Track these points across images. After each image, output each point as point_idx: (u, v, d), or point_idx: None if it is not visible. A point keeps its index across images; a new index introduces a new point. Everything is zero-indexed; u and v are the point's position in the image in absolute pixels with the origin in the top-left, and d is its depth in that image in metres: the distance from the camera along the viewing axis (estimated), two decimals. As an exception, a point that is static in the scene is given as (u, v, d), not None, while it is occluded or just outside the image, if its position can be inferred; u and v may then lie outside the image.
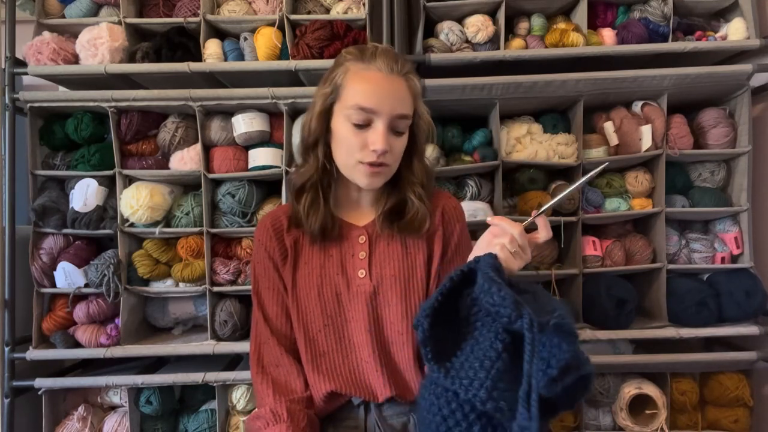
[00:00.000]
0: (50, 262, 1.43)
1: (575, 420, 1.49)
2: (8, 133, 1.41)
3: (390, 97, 0.88)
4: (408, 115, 0.91)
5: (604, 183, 1.52)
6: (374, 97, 0.87)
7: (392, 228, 0.95)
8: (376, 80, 0.88)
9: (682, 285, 1.46)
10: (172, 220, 1.46)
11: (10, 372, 1.40)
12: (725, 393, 1.45)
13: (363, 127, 0.88)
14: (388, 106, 0.87)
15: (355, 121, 0.88)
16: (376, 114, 0.87)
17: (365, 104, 0.87)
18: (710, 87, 1.45)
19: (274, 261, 0.98)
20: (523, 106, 1.53)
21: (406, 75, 0.91)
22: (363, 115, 0.87)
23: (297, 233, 0.98)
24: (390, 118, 0.88)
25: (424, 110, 0.96)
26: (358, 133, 0.88)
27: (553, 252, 1.52)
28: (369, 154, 0.88)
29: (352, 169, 0.91)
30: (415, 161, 0.97)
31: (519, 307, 0.69)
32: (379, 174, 0.91)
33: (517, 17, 1.53)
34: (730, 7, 1.51)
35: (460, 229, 1.00)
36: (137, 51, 1.45)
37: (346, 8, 1.46)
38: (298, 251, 0.98)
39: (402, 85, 0.90)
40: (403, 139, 0.92)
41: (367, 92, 0.87)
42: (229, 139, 1.45)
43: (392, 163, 0.92)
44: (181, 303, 1.51)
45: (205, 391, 1.46)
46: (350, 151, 0.90)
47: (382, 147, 0.87)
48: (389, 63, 0.89)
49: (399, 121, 0.89)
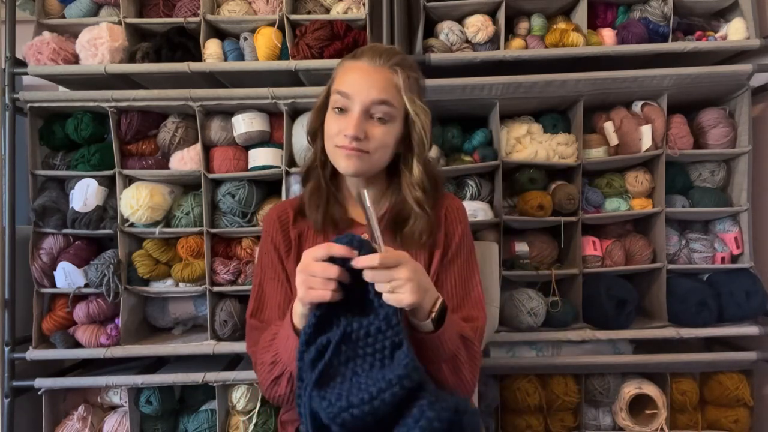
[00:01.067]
0: (50, 262, 1.43)
1: (575, 420, 1.49)
2: (8, 133, 1.41)
3: (367, 83, 0.90)
4: (387, 101, 0.90)
5: (604, 183, 1.52)
6: (351, 83, 0.91)
7: (394, 238, 0.95)
8: (358, 69, 0.92)
9: (682, 285, 1.46)
10: (172, 220, 1.46)
11: (10, 372, 1.40)
12: (725, 393, 1.45)
13: (343, 111, 0.91)
14: (364, 92, 0.90)
15: (336, 105, 0.92)
16: (351, 99, 0.90)
17: (343, 89, 0.91)
18: (710, 87, 1.45)
19: (278, 252, 0.98)
20: (523, 106, 1.53)
21: (392, 67, 0.92)
22: (342, 101, 0.91)
23: (302, 226, 0.99)
24: (365, 104, 0.89)
25: (419, 108, 0.94)
26: (337, 119, 0.91)
27: (553, 252, 1.52)
28: (342, 138, 0.90)
29: (333, 153, 0.94)
30: (413, 162, 0.96)
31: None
32: (357, 157, 0.90)
33: (517, 17, 1.53)
34: (730, 7, 1.51)
35: (462, 230, 0.99)
36: (137, 51, 1.45)
37: (346, 8, 1.46)
38: (302, 244, 0.99)
39: (384, 75, 0.92)
40: (388, 128, 0.92)
41: (348, 79, 0.92)
42: (229, 139, 1.45)
43: (373, 151, 0.91)
44: (181, 303, 1.51)
45: (205, 391, 1.46)
46: (330, 136, 0.93)
47: (353, 132, 0.88)
48: (374, 56, 0.93)
49: (377, 107, 0.90)
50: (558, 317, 1.45)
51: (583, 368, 1.47)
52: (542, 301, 1.44)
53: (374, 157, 0.92)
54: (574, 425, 1.49)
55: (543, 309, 1.44)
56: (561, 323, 1.46)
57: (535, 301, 1.44)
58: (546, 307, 1.44)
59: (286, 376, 0.83)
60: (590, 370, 1.47)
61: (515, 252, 1.50)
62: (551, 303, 1.45)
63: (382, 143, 0.92)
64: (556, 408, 1.47)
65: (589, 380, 1.48)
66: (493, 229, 1.47)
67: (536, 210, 1.45)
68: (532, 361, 1.48)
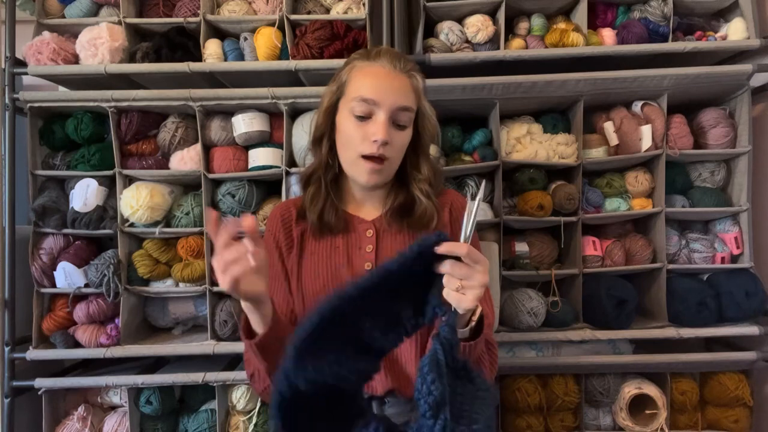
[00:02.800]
0: (50, 262, 1.43)
1: (575, 420, 1.49)
2: (8, 133, 1.42)
3: (392, 89, 0.90)
4: (410, 108, 0.92)
5: (604, 183, 1.52)
6: (376, 89, 0.90)
7: (401, 224, 0.97)
8: (380, 74, 0.92)
9: (682, 285, 1.45)
10: (172, 220, 1.46)
11: (10, 372, 1.40)
12: (725, 393, 1.45)
13: (365, 119, 0.90)
14: (391, 98, 0.89)
15: (357, 113, 0.90)
16: (378, 105, 0.89)
17: (368, 95, 0.89)
18: (710, 87, 1.45)
19: (280, 250, 0.99)
20: (523, 106, 1.53)
21: (408, 72, 0.94)
22: (365, 107, 0.90)
23: (305, 224, 1.00)
24: (391, 110, 0.90)
25: (428, 109, 0.97)
26: (359, 125, 0.91)
27: (553, 252, 1.52)
28: (370, 145, 0.89)
29: (353, 164, 0.93)
30: (421, 158, 0.98)
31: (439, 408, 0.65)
32: (379, 171, 0.92)
33: (517, 17, 1.53)
34: (730, 7, 1.51)
35: None
36: (137, 51, 1.45)
37: (346, 8, 1.46)
38: (305, 242, 0.99)
39: (405, 81, 0.93)
40: (405, 134, 0.93)
41: (370, 84, 0.91)
42: (229, 139, 1.45)
43: (392, 157, 0.92)
44: (181, 303, 1.51)
45: (205, 391, 1.46)
46: (352, 144, 0.92)
47: (383, 137, 0.88)
48: (392, 60, 0.93)
49: (401, 114, 0.91)
50: (558, 317, 1.45)
51: (583, 368, 1.47)
52: (542, 301, 1.44)
53: (392, 163, 0.94)
54: (574, 425, 1.49)
55: (543, 309, 1.44)
56: (561, 323, 1.46)
57: (535, 301, 1.44)
58: (546, 307, 1.44)
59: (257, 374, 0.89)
60: (590, 370, 1.47)
61: (515, 252, 1.50)
62: (551, 303, 1.45)
63: (401, 148, 0.94)
64: (556, 408, 1.47)
65: (589, 380, 1.48)
66: (493, 229, 1.47)
67: (536, 210, 1.45)
68: (532, 361, 1.48)
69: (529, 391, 1.46)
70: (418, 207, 0.96)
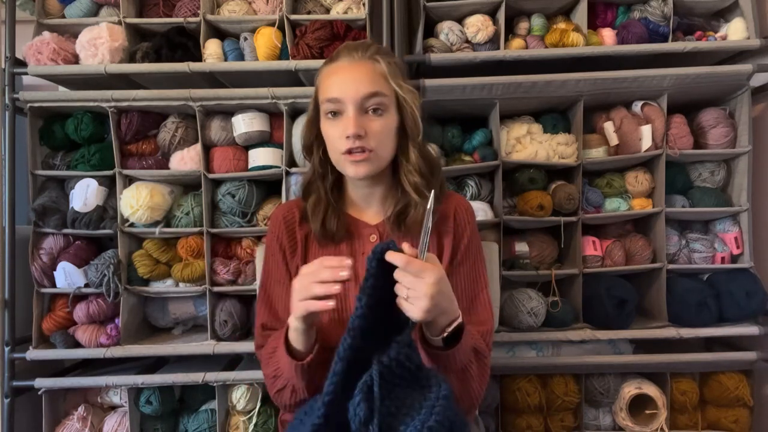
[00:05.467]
0: (50, 262, 1.43)
1: (575, 420, 1.49)
2: (8, 133, 1.41)
3: (352, 80, 0.90)
4: (378, 92, 0.90)
5: (604, 183, 1.52)
6: (338, 86, 0.90)
7: (400, 231, 0.96)
8: (339, 70, 0.92)
9: (682, 285, 1.45)
10: (172, 220, 1.46)
11: (10, 372, 1.40)
12: (725, 393, 1.45)
13: (336, 116, 0.91)
14: (352, 90, 0.89)
15: (327, 113, 0.91)
16: (342, 101, 0.90)
17: (332, 95, 0.90)
18: (710, 87, 1.45)
19: (284, 252, 0.98)
20: (523, 106, 1.53)
21: (371, 58, 0.92)
22: (333, 106, 0.90)
23: (308, 228, 0.99)
24: (357, 101, 0.89)
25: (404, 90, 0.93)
26: (334, 125, 0.91)
27: (553, 252, 1.52)
28: (345, 141, 0.89)
29: (340, 163, 0.93)
30: (409, 147, 0.95)
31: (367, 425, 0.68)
32: (364, 161, 0.90)
33: (517, 17, 1.53)
34: (730, 7, 1.51)
35: (470, 231, 0.99)
36: (137, 51, 1.45)
37: (346, 8, 1.46)
38: (309, 245, 0.99)
39: (367, 68, 0.91)
40: (384, 119, 0.91)
41: (332, 83, 0.91)
42: (229, 139, 1.45)
43: (376, 147, 0.90)
44: (181, 303, 1.51)
45: (205, 391, 1.46)
46: (333, 145, 0.92)
47: (353, 130, 0.88)
48: (350, 53, 0.93)
49: (369, 101, 0.90)
50: (558, 317, 1.45)
51: (583, 368, 1.47)
52: (542, 301, 1.44)
53: (378, 152, 0.91)
54: (574, 425, 1.49)
55: (543, 309, 1.44)
56: (561, 323, 1.46)
57: (535, 301, 1.44)
58: (546, 307, 1.44)
59: (289, 389, 0.87)
60: (590, 370, 1.47)
61: (515, 252, 1.50)
62: (551, 303, 1.45)
63: (383, 135, 0.91)
64: (556, 408, 1.47)
65: (589, 380, 1.48)
66: (493, 229, 1.47)
67: (536, 210, 1.45)
68: (532, 361, 1.48)
69: (529, 391, 1.46)
70: (412, 210, 0.94)
